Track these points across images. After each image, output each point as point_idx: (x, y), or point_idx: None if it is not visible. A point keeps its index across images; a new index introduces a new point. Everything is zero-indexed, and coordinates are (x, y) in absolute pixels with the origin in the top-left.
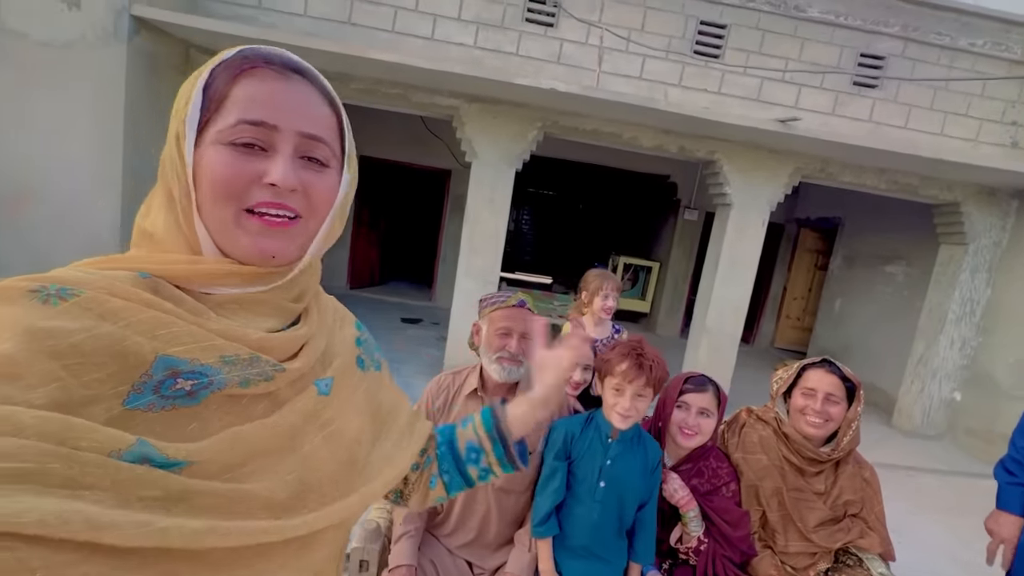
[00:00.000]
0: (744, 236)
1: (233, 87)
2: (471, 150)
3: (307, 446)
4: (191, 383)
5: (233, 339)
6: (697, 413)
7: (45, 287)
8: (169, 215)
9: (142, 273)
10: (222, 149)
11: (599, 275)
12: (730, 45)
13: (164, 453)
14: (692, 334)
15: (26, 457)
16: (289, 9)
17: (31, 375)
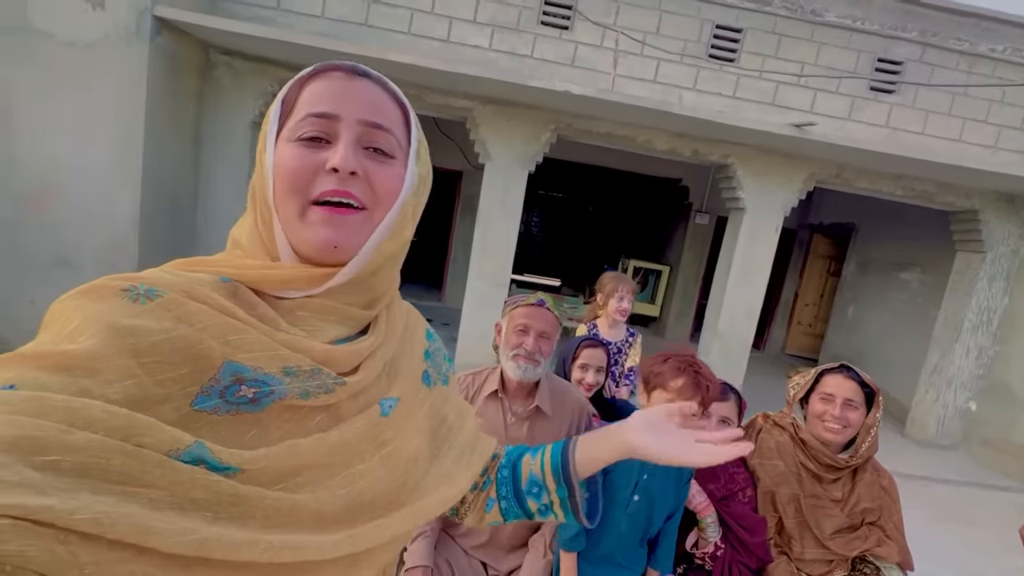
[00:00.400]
0: (757, 241)
1: (303, 91)
2: (484, 152)
3: (362, 464)
4: (253, 391)
5: (298, 350)
6: (718, 422)
7: (136, 286)
8: (254, 223)
9: (223, 277)
10: (291, 145)
11: (614, 277)
12: (746, 49)
13: (218, 457)
14: (703, 339)
15: (92, 452)
16: (307, 11)
17: (110, 370)
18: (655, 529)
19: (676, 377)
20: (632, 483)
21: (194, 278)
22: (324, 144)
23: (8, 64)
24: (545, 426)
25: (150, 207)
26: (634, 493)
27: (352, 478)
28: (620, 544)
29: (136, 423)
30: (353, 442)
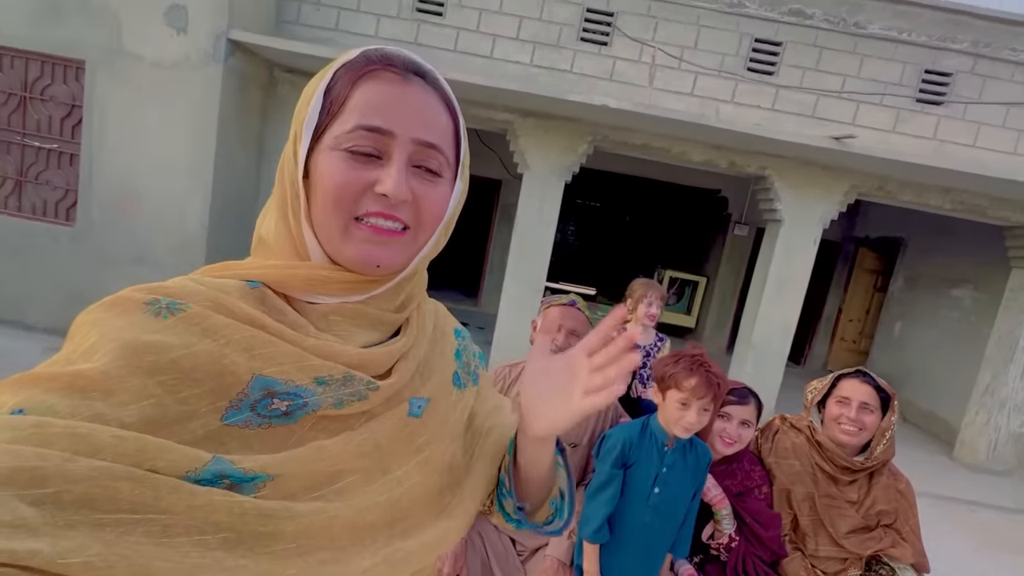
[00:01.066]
0: (794, 253)
1: (354, 90)
2: (523, 162)
3: (399, 470)
4: (287, 403)
5: (329, 357)
6: (739, 424)
7: (158, 300)
8: (281, 219)
9: (251, 282)
10: (338, 155)
11: (644, 283)
12: (785, 62)
13: (241, 467)
14: (738, 349)
15: (98, 481)
16: (362, 31)
17: (124, 391)
18: (679, 521)
19: (689, 377)
20: (652, 476)
21: (221, 285)
22: (374, 160)
23: (106, 83)
24: None
25: (218, 213)
26: (654, 486)
27: (391, 484)
28: (645, 537)
29: (148, 446)
30: (384, 443)
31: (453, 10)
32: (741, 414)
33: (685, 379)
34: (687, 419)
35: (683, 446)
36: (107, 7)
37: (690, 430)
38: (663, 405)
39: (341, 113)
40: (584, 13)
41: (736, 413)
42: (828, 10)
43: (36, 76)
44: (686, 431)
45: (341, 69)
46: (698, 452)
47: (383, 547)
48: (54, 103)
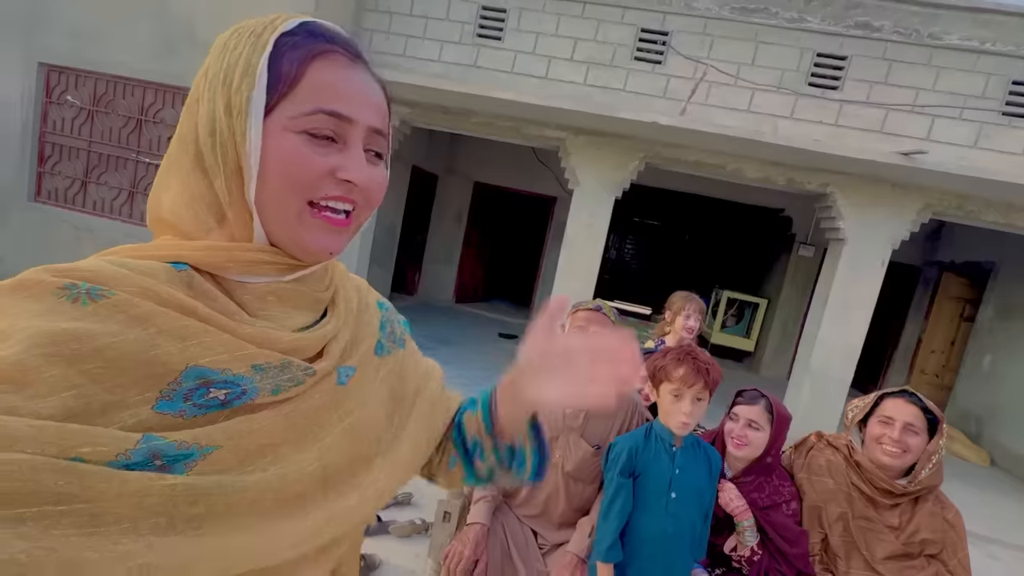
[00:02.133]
0: (859, 275)
1: (307, 69)
2: (574, 178)
3: (328, 438)
4: (224, 392)
5: (265, 344)
6: (745, 424)
7: (76, 284)
8: (198, 195)
9: (178, 264)
10: (296, 138)
11: (683, 296)
12: (850, 76)
13: (173, 440)
14: (794, 375)
15: (16, 476)
16: (426, 56)
17: (41, 383)
18: (699, 526)
19: (677, 367)
20: (667, 480)
21: (145, 268)
22: (332, 143)
23: None
24: (599, 418)
25: None
26: (671, 490)
27: (320, 452)
28: (668, 547)
29: (70, 434)
30: (311, 411)
31: (511, 34)
32: (747, 414)
33: (673, 369)
34: (682, 410)
35: (692, 446)
36: (210, 43)
37: (687, 422)
38: (660, 402)
39: (293, 93)
40: (639, 33)
41: (743, 413)
42: (899, 22)
43: (151, 102)
44: (684, 424)
45: (285, 44)
46: (708, 451)
47: (313, 511)
48: (163, 124)
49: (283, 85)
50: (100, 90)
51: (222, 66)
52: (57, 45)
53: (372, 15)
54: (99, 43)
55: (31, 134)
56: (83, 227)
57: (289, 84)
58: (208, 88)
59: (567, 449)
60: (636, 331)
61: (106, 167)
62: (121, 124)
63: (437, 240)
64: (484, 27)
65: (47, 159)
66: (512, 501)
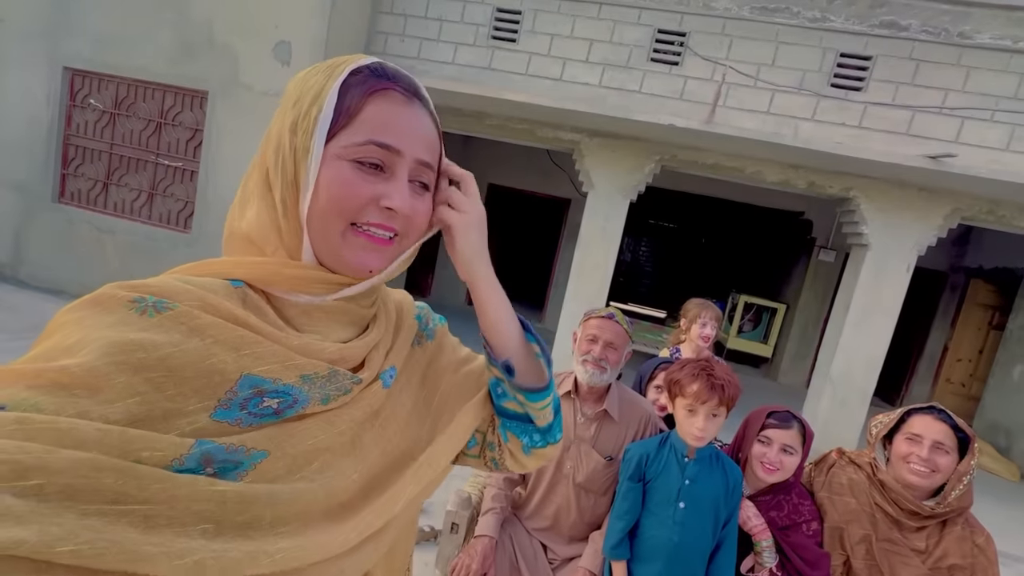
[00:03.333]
0: (883, 281)
1: (366, 104)
2: (588, 181)
3: (366, 438)
4: (277, 401)
5: (312, 354)
6: (779, 450)
7: (144, 298)
8: (268, 214)
9: (234, 281)
10: (346, 165)
11: (699, 303)
12: (875, 77)
13: (223, 443)
14: (813, 383)
15: (80, 472)
16: (441, 59)
17: (110, 389)
18: (711, 540)
19: (691, 383)
20: (675, 490)
21: (205, 284)
22: (379, 173)
23: (223, 111)
24: (611, 429)
25: None
26: (679, 500)
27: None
28: (677, 558)
29: (131, 438)
30: (357, 417)
31: (526, 36)
32: (782, 439)
33: (688, 384)
34: (695, 425)
35: (707, 459)
36: (228, 45)
37: (702, 437)
38: (675, 415)
39: (351, 124)
40: (655, 34)
41: (776, 438)
42: (927, 21)
43: (170, 105)
44: (698, 438)
45: (352, 78)
46: (725, 468)
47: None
48: (182, 127)
49: (344, 117)
50: (122, 93)
51: (295, 94)
52: (82, 50)
53: (387, 18)
54: (121, 48)
55: (56, 137)
56: (104, 228)
57: (349, 116)
58: (280, 113)
59: (578, 460)
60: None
61: (127, 169)
62: (141, 127)
63: None
64: (499, 29)
65: (70, 161)
66: (521, 513)
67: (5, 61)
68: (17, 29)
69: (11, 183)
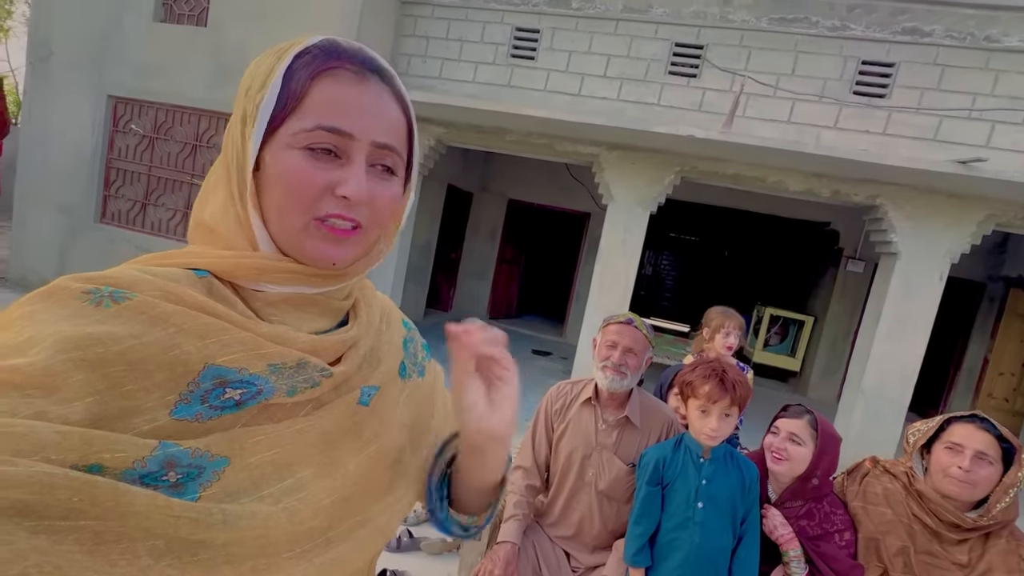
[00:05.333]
0: (914, 290)
1: (312, 86)
2: (608, 193)
3: (350, 465)
4: (239, 392)
5: (283, 342)
6: (785, 437)
7: (99, 288)
8: (230, 204)
9: (198, 271)
10: (297, 154)
11: (721, 312)
12: (899, 83)
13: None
14: (845, 396)
15: (34, 487)
16: (461, 77)
17: (68, 387)
18: (732, 538)
19: (703, 384)
20: (693, 490)
21: (167, 273)
22: (333, 159)
23: None
24: (633, 436)
25: None
26: (696, 500)
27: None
28: (699, 558)
29: (93, 439)
30: (332, 431)
31: (544, 53)
32: (788, 427)
33: (700, 385)
34: (708, 425)
35: (722, 458)
36: None
37: (715, 437)
38: (688, 416)
39: (298, 109)
40: (672, 48)
41: (783, 426)
42: (951, 26)
43: (205, 128)
44: (711, 438)
45: (299, 61)
46: (741, 466)
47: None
48: (216, 149)
49: (291, 101)
50: (160, 118)
51: (247, 82)
52: (125, 79)
53: (410, 40)
54: (161, 76)
55: (99, 161)
56: (142, 246)
57: (296, 100)
58: (236, 101)
59: (600, 467)
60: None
61: (164, 190)
62: (178, 149)
63: (471, 256)
64: (518, 47)
65: (112, 183)
66: (544, 520)
67: (55, 91)
68: (66, 61)
69: (58, 205)
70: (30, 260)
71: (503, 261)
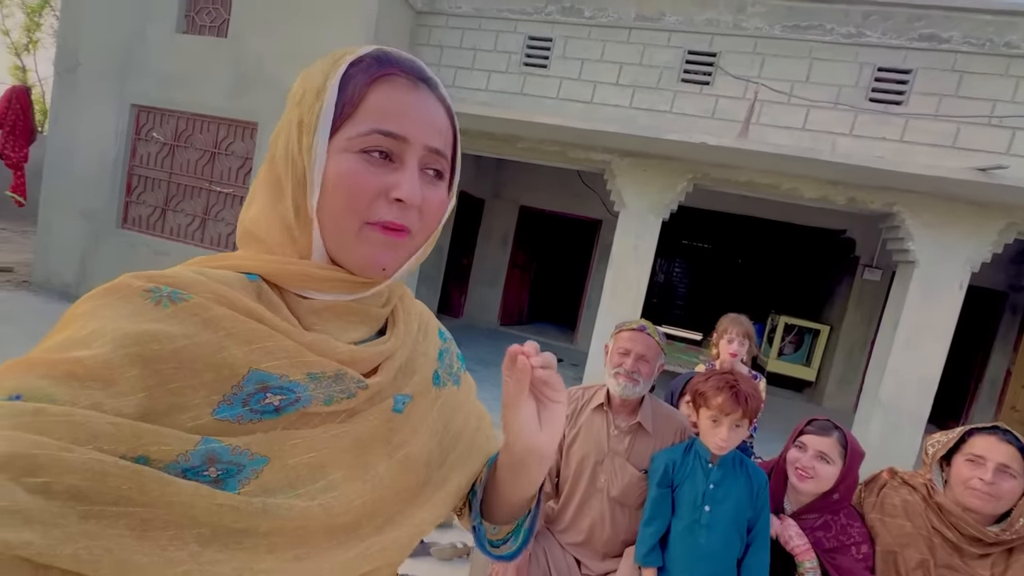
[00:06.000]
0: (933, 299)
1: (368, 92)
2: (619, 200)
3: (380, 468)
4: (279, 398)
5: (323, 352)
6: (813, 456)
7: (159, 288)
8: (273, 210)
9: (250, 275)
10: (353, 158)
11: (730, 319)
12: (916, 90)
13: (228, 444)
14: (861, 407)
15: (88, 473)
16: (474, 86)
17: (124, 381)
18: (740, 543)
19: (716, 395)
20: (699, 493)
21: (222, 276)
22: (387, 163)
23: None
24: (646, 442)
25: None
26: (704, 503)
27: (372, 484)
28: (706, 560)
29: (142, 432)
30: (365, 438)
31: (557, 61)
32: (818, 445)
33: (713, 396)
34: (719, 435)
35: (730, 463)
36: (277, 78)
37: (724, 446)
38: (699, 423)
39: (355, 114)
40: (685, 55)
41: (811, 443)
42: (970, 32)
43: (224, 136)
44: (721, 448)
45: (354, 67)
46: (749, 471)
47: (357, 543)
48: (234, 156)
49: (348, 107)
50: (181, 127)
51: (300, 90)
52: (148, 89)
53: (425, 49)
54: (183, 85)
55: (121, 168)
56: (161, 250)
57: (353, 106)
58: (286, 111)
59: (613, 473)
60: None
61: (183, 196)
62: (198, 157)
63: (483, 263)
64: (530, 56)
65: (133, 189)
66: (555, 527)
67: (81, 101)
68: (91, 72)
69: (82, 211)
70: (54, 264)
71: (514, 268)
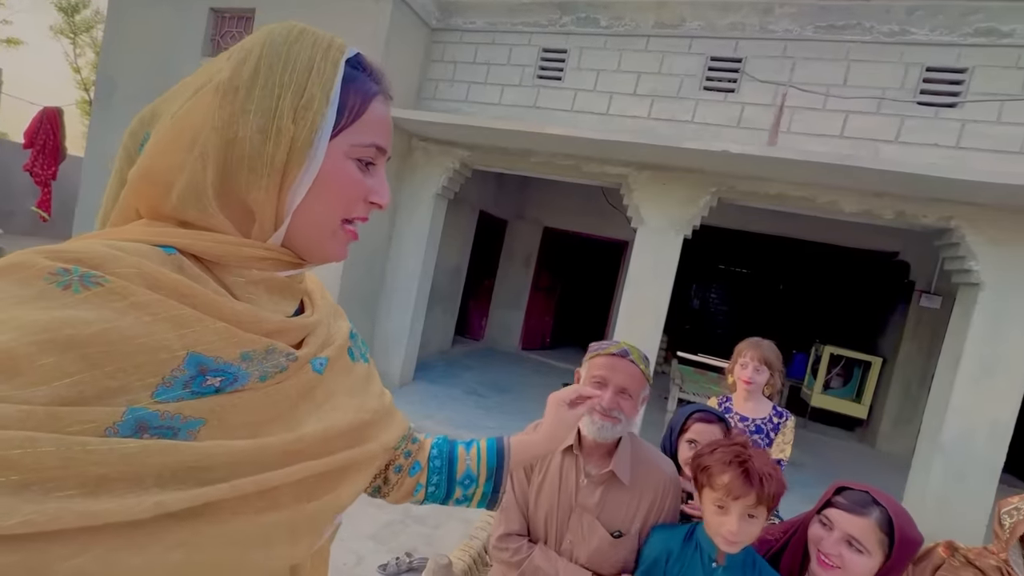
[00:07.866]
0: (1004, 328)
1: (368, 107)
2: (637, 216)
3: (308, 426)
4: (219, 379)
5: (253, 324)
6: (840, 539)
7: (68, 270)
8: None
9: (167, 248)
10: (351, 164)
11: (748, 343)
12: (973, 90)
13: (155, 410)
14: (919, 452)
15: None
16: (487, 100)
17: (33, 371)
18: None
19: (722, 472)
20: None
21: (137, 249)
22: (367, 168)
23: None
24: (620, 496)
25: (351, 259)
26: None
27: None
28: None
29: (60, 415)
30: (292, 394)
31: (572, 73)
32: (847, 526)
33: (719, 474)
34: (727, 527)
35: (739, 566)
36: None
37: (734, 542)
38: (703, 507)
39: (356, 124)
40: (708, 62)
41: (840, 523)
42: None
43: None
44: (729, 543)
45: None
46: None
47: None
48: None
49: (350, 116)
50: None
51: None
52: None
53: (438, 65)
54: None
55: None
56: None
57: (354, 116)
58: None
59: (579, 534)
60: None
61: None
62: None
63: (505, 285)
64: (544, 68)
65: None
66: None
67: (116, 123)
68: (127, 94)
69: None
70: None
71: (537, 290)
